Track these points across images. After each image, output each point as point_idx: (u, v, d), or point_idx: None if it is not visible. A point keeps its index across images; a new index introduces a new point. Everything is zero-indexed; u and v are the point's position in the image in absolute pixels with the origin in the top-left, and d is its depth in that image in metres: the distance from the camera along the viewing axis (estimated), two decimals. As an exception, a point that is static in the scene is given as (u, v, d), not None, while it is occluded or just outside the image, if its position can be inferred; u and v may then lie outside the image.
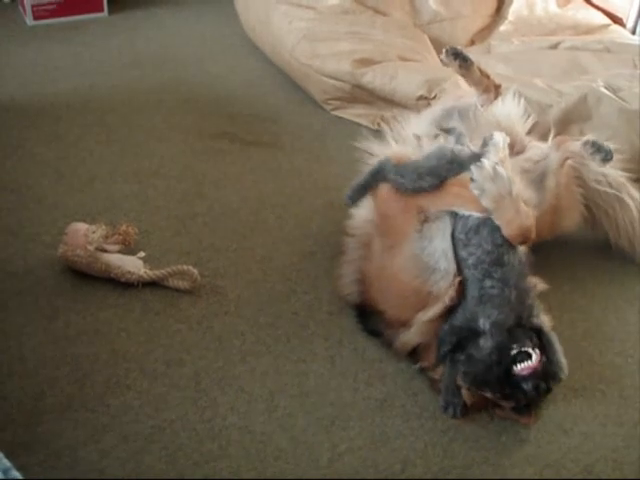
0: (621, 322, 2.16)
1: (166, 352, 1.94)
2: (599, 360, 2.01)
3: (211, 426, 1.76)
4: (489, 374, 1.73)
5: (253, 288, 2.16)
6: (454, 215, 1.87)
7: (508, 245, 1.82)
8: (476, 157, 1.85)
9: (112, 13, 3.75)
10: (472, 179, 1.79)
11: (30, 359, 1.89)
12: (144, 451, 1.69)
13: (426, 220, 1.87)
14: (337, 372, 1.93)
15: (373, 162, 2.02)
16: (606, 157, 2.09)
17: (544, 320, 1.85)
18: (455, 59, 2.34)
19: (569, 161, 2.22)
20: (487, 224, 1.82)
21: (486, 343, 1.75)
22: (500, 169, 1.78)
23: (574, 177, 2.27)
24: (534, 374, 1.70)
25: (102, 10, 3.73)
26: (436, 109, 2.39)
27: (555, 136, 2.30)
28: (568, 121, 2.71)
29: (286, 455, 1.72)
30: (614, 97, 2.79)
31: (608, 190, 2.30)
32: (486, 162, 1.80)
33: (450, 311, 1.83)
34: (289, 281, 2.19)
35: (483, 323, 1.77)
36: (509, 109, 2.32)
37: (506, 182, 1.78)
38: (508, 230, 1.79)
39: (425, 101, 2.80)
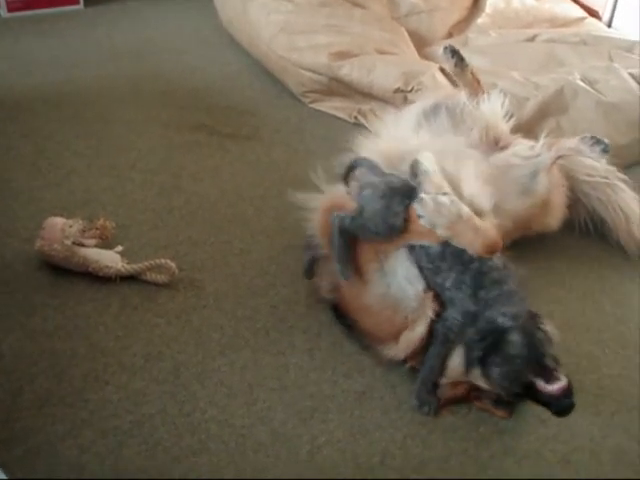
0: (598, 313, 2.18)
1: (145, 346, 1.94)
2: (576, 351, 2.03)
3: (190, 420, 1.76)
4: (528, 365, 1.71)
5: (232, 281, 2.16)
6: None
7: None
8: (406, 185, 1.86)
9: (88, 6, 3.73)
10: (419, 216, 1.78)
11: (7, 355, 1.88)
12: (123, 446, 1.69)
13: (385, 259, 1.87)
14: (316, 365, 1.93)
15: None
16: (605, 149, 2.12)
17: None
18: (452, 57, 2.42)
19: (560, 161, 2.24)
20: (449, 247, 1.80)
21: (515, 336, 1.72)
22: (441, 199, 1.78)
23: (564, 176, 2.32)
24: (567, 391, 1.70)
25: (78, 3, 3.71)
26: (424, 104, 2.38)
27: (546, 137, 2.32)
28: (545, 114, 2.73)
29: (266, 448, 1.72)
30: (590, 90, 2.81)
31: (599, 179, 2.38)
32: (425, 196, 1.78)
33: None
34: (268, 274, 2.19)
35: (502, 321, 1.75)
36: (494, 106, 2.33)
37: (452, 209, 1.77)
38: (473, 250, 1.78)
39: (402, 94, 2.80)
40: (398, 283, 1.86)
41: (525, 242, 2.18)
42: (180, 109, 2.96)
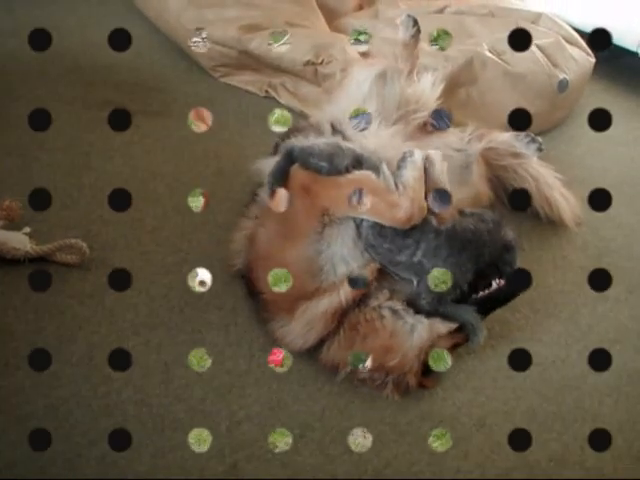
0: (509, 279, 2.23)
1: (57, 329, 1.90)
2: (489, 316, 2.06)
3: (106, 402, 1.74)
4: None
5: (144, 259, 2.13)
6: (359, 223, 1.86)
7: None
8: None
9: (-13, -21, 3.59)
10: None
11: None
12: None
13: (328, 224, 1.85)
14: (232, 340, 1.93)
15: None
16: (540, 147, 2.15)
17: None
18: (413, 26, 2.42)
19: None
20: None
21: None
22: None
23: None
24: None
25: (-24, -24, 3.57)
26: (372, 70, 2.36)
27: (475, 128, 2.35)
28: (455, 85, 2.77)
29: (184, 426, 1.71)
30: (498, 60, 2.86)
31: (511, 161, 2.40)
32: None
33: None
34: (181, 251, 2.17)
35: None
36: (426, 87, 2.34)
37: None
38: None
39: (312, 67, 2.80)
40: (331, 256, 1.85)
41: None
42: (87, 86, 2.88)
